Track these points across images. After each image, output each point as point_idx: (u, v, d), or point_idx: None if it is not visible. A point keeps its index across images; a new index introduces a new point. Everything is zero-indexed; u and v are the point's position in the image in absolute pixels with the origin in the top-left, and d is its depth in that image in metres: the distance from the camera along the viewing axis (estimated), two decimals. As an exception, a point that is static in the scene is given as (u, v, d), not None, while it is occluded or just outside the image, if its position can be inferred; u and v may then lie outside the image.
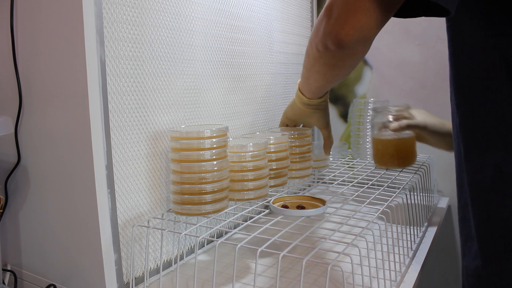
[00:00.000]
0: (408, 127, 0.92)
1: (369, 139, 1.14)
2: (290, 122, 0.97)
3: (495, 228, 0.51)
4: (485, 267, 0.52)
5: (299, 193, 0.88)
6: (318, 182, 1.13)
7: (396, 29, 1.27)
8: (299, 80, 0.85)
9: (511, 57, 0.48)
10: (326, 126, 0.93)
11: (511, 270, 0.50)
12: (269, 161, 0.85)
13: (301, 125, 0.99)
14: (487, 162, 0.51)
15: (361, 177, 0.97)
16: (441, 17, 0.53)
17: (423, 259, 0.82)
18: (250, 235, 0.62)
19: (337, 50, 0.57)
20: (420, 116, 0.94)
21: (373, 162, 1.03)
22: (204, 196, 0.70)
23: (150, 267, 0.75)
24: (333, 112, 1.41)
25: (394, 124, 0.93)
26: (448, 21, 0.55)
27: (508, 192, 0.50)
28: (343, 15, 0.53)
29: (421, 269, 0.78)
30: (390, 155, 0.98)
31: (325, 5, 0.57)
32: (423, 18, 0.55)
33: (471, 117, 0.53)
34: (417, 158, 1.14)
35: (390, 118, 0.96)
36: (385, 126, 0.96)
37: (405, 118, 0.94)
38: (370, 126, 1.01)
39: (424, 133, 0.93)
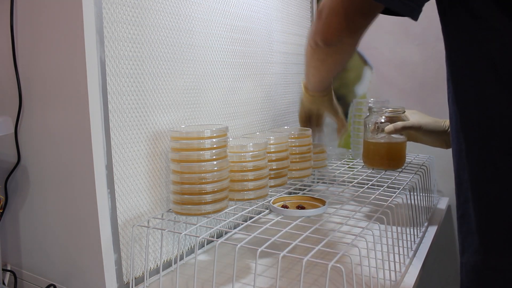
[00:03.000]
0: (403, 128, 0.93)
1: None
2: (307, 118, 1.04)
3: (496, 222, 0.52)
4: (485, 261, 0.53)
5: (299, 193, 0.88)
6: (318, 182, 1.13)
7: (396, 29, 1.27)
8: (303, 78, 0.93)
9: (495, 51, 0.49)
10: (335, 113, 1.00)
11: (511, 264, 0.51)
12: (269, 161, 0.85)
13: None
14: (487, 158, 0.52)
15: (361, 177, 0.97)
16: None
17: (423, 259, 0.82)
18: (250, 235, 0.62)
19: (325, 46, 0.67)
20: (413, 117, 0.95)
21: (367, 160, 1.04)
22: (204, 196, 0.70)
23: (150, 267, 0.75)
24: (333, 112, 1.41)
25: (389, 126, 0.94)
26: (441, 16, 0.57)
27: (505, 189, 0.50)
28: (329, 17, 0.63)
29: (421, 269, 0.78)
30: (381, 157, 1.00)
31: (319, 6, 0.66)
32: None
33: (467, 115, 0.54)
34: (417, 158, 1.15)
35: (383, 119, 0.97)
36: (378, 127, 0.97)
37: (399, 119, 0.95)
38: (364, 126, 1.02)
39: (419, 133, 0.94)
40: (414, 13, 0.54)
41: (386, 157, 0.99)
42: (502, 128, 0.50)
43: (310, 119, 1.04)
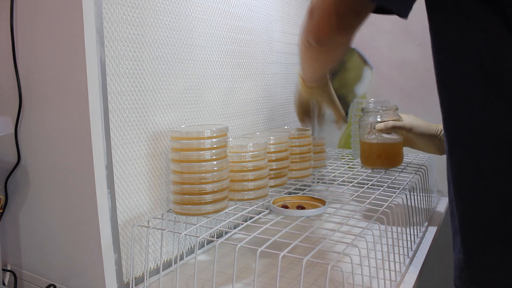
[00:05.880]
0: (394, 128, 0.95)
1: None
2: (305, 108, 1.03)
3: (475, 222, 0.52)
4: (466, 260, 0.54)
5: (299, 193, 0.88)
6: (318, 182, 1.13)
7: (396, 29, 1.27)
8: (299, 69, 0.92)
9: (485, 53, 0.49)
10: (333, 104, 0.98)
11: (490, 263, 0.51)
12: (269, 161, 0.85)
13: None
14: (467, 158, 0.52)
15: (361, 177, 0.97)
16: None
17: (423, 259, 0.82)
18: (250, 235, 0.62)
19: (318, 46, 0.67)
20: (407, 119, 0.96)
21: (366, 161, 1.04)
22: (204, 196, 0.70)
23: (150, 267, 0.75)
24: (333, 112, 1.41)
25: (380, 125, 0.96)
26: (429, 13, 0.57)
27: (486, 188, 0.51)
28: (321, 17, 0.63)
29: (421, 269, 0.78)
30: (377, 156, 1.00)
31: (309, 6, 0.67)
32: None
33: (452, 115, 0.55)
34: (417, 158, 1.15)
35: (378, 118, 0.97)
36: (372, 127, 0.98)
37: (392, 119, 0.96)
38: (358, 126, 1.03)
39: (410, 135, 0.95)
40: (401, 10, 0.53)
41: (383, 156, 1.00)
42: (487, 129, 0.50)
43: (308, 111, 1.04)
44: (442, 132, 0.92)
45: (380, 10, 0.57)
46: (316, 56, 0.74)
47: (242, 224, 0.70)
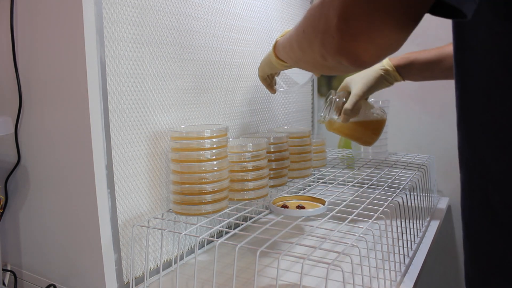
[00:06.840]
0: (353, 108, 0.92)
1: None
2: (270, 76, 0.95)
3: (477, 249, 0.50)
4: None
5: (299, 193, 0.88)
6: (318, 182, 1.13)
7: (396, 29, 1.27)
8: (278, 41, 0.76)
9: None
10: None
11: None
12: (269, 161, 0.85)
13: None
14: (474, 179, 0.49)
15: (361, 177, 0.97)
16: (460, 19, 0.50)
17: (423, 259, 0.82)
18: (250, 235, 0.62)
19: (354, 67, 0.47)
20: (353, 87, 0.95)
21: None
22: (204, 196, 0.70)
23: (150, 267, 0.75)
24: (333, 112, 1.41)
25: (341, 117, 0.94)
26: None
27: (491, 218, 0.47)
28: (366, 32, 0.41)
29: (421, 269, 0.78)
30: (363, 134, 0.98)
31: (330, 10, 0.43)
32: (423, 18, 0.54)
33: (469, 120, 0.49)
34: (417, 158, 1.15)
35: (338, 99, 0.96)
36: (334, 120, 0.97)
37: (343, 103, 0.94)
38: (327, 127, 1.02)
39: (366, 95, 0.95)
40: (466, 5, 0.40)
41: (369, 131, 0.98)
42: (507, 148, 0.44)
43: (272, 76, 0.95)
44: (384, 67, 0.93)
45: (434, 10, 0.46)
46: (339, 70, 0.56)
47: (242, 224, 0.70)
